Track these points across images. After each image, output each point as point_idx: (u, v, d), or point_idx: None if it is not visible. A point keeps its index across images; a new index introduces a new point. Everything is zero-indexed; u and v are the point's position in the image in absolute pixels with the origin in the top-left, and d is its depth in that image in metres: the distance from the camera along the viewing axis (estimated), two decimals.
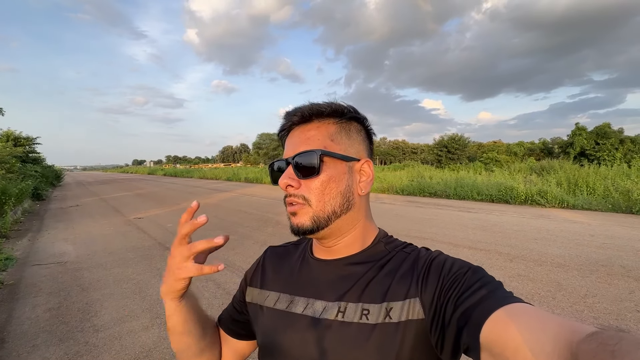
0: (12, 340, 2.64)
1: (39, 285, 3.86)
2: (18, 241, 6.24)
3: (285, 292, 0.62)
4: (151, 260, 4.76)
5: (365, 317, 0.52)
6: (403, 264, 0.56)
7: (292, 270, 0.65)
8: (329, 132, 0.58)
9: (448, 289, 0.48)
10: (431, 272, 0.52)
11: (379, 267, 0.57)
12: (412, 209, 9.36)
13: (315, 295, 0.58)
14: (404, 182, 14.66)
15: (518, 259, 4.47)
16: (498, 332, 0.38)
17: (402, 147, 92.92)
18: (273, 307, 0.61)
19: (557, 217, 7.64)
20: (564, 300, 3.20)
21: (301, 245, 0.71)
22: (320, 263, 0.62)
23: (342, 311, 0.54)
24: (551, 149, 45.65)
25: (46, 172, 20.71)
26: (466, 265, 0.51)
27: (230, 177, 27.68)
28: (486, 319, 0.40)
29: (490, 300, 0.43)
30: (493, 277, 0.49)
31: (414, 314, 0.50)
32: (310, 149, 0.56)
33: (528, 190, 10.11)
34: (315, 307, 0.56)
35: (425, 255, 0.56)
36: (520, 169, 17.50)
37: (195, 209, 0.54)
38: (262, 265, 0.71)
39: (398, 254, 0.58)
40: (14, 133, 19.56)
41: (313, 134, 0.57)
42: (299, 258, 0.67)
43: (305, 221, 0.55)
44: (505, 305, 0.41)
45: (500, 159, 35.90)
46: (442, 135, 43.25)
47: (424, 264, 0.54)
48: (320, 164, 0.55)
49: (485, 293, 0.44)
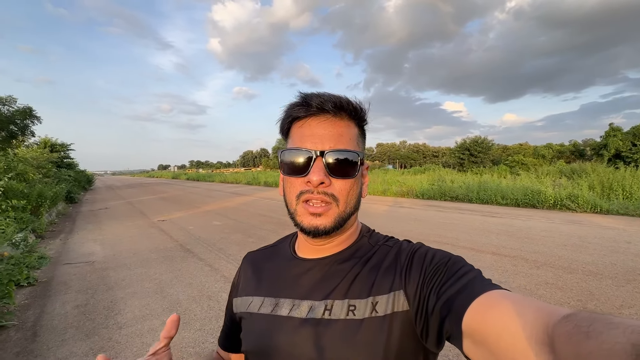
0: (44, 334, 2.78)
1: (69, 283, 4.06)
2: (52, 241, 6.61)
3: (269, 295, 0.60)
4: (172, 261, 4.90)
5: (352, 313, 0.52)
6: (386, 257, 0.57)
7: (274, 273, 0.63)
8: (356, 133, 0.57)
9: (430, 280, 0.49)
10: (414, 264, 0.53)
11: (363, 262, 0.57)
12: (432, 213, 9.13)
13: (301, 295, 0.57)
14: (424, 186, 14.35)
15: (546, 266, 4.25)
16: (479, 320, 0.39)
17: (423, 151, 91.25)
18: (257, 312, 0.59)
19: (590, 223, 7.21)
20: (596, 311, 3.00)
21: (280, 246, 0.70)
22: (305, 262, 0.60)
23: (328, 309, 0.53)
24: (583, 151, 43.40)
25: (79, 176, 21.92)
26: (447, 255, 0.53)
27: (250, 181, 28.17)
28: (467, 307, 0.41)
29: (471, 288, 0.44)
30: (472, 265, 0.50)
31: (399, 306, 0.51)
32: (350, 148, 0.55)
33: (557, 194, 9.62)
34: (302, 308, 0.55)
35: (408, 247, 0.57)
36: (548, 172, 16.70)
37: (176, 323, 0.53)
38: (241, 273, 0.70)
39: (381, 248, 0.59)
40: (50, 140, 20.85)
41: (345, 131, 0.55)
42: (281, 259, 0.65)
43: (330, 223, 0.53)
44: (485, 293, 0.42)
45: (527, 161, 34.46)
46: (465, 138, 42.14)
47: (406, 257, 0.55)
48: (359, 166, 0.55)
49: (466, 282, 0.46)
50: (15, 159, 9.12)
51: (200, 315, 3.07)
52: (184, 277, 4.17)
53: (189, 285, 3.84)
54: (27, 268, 4.25)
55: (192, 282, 3.96)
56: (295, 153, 0.55)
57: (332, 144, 0.53)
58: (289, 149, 0.56)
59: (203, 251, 5.39)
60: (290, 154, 0.55)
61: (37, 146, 17.39)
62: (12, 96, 12.05)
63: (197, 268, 4.50)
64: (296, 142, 0.56)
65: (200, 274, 4.23)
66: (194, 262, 4.78)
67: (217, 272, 4.29)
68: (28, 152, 13.12)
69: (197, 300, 3.39)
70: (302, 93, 0.56)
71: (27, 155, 11.28)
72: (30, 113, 12.35)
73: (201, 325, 2.87)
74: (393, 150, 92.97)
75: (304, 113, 0.55)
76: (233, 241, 6.07)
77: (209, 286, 3.79)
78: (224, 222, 8.29)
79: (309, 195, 0.53)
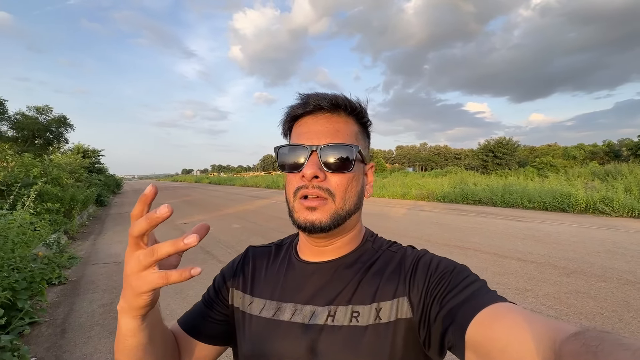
0: (71, 331, 2.92)
1: (97, 282, 4.26)
2: (82, 242, 6.96)
3: (271, 298, 0.59)
4: (193, 263, 4.94)
5: (355, 319, 0.51)
6: (390, 263, 0.56)
7: (277, 275, 0.62)
8: (354, 130, 0.57)
9: (434, 288, 0.48)
10: (418, 271, 0.52)
11: (367, 267, 0.56)
12: (453, 217, 8.86)
13: (304, 300, 0.55)
14: (445, 188, 13.98)
15: (576, 274, 4.00)
16: (483, 332, 0.39)
17: (444, 153, 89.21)
18: (259, 315, 0.58)
19: (627, 228, 6.74)
20: (633, 323, 2.79)
21: (284, 245, 0.68)
22: (308, 266, 0.59)
23: (332, 315, 0.52)
24: (618, 151, 40.88)
25: (108, 180, 23.05)
26: (452, 264, 0.51)
27: (269, 185, 28.55)
28: (471, 319, 0.41)
29: (475, 300, 0.43)
30: (478, 275, 0.49)
31: (402, 313, 0.50)
32: (346, 142, 0.54)
33: (589, 197, 9.09)
34: (304, 313, 0.54)
35: (412, 254, 0.56)
36: (580, 174, 15.85)
37: (151, 196, 0.39)
38: (243, 266, 0.67)
39: (385, 253, 0.58)
40: (83, 146, 22.07)
41: (342, 127, 0.55)
42: (283, 261, 0.64)
43: (325, 218, 0.52)
44: (490, 305, 0.41)
45: (556, 163, 32.86)
46: (488, 139, 40.77)
47: (411, 263, 0.54)
48: (354, 160, 0.54)
49: (471, 292, 0.45)
50: (51, 164, 9.71)
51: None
52: (203, 279, 4.25)
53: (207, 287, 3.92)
54: (58, 267, 4.49)
55: (210, 284, 4.04)
56: (291, 150, 0.55)
57: (328, 140, 0.53)
58: (284, 146, 0.56)
59: (222, 254, 5.50)
60: (286, 151, 0.56)
61: (71, 152, 18.48)
62: (48, 106, 12.94)
63: (217, 270, 4.49)
64: (294, 140, 0.57)
65: None
66: (213, 264, 4.88)
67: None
68: (62, 158, 13.94)
69: None
70: (301, 94, 0.57)
71: (61, 161, 11.99)
72: (65, 121, 13.17)
73: None
74: (413, 153, 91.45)
75: (302, 111, 0.56)
76: (252, 243, 6.13)
77: None
78: (244, 224, 8.43)
79: (305, 190, 0.52)
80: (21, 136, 12.50)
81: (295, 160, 0.54)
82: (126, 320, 0.45)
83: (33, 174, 5.75)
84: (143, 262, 0.39)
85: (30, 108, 12.74)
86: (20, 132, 12.43)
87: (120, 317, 0.45)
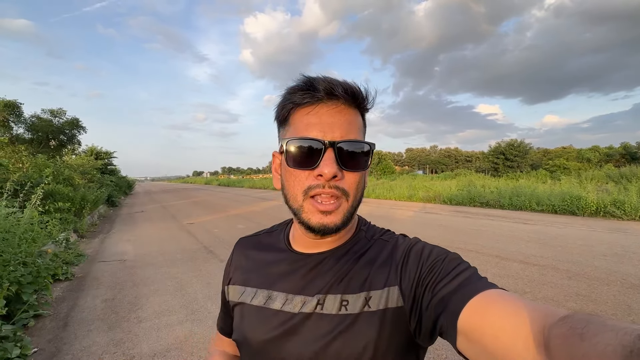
0: (73, 325, 3.02)
1: (101, 279, 4.38)
2: (91, 240, 7.16)
3: (262, 287, 0.59)
4: (195, 261, 5.11)
5: (344, 307, 0.51)
6: (382, 252, 0.55)
7: (269, 264, 0.62)
8: (362, 123, 0.54)
9: (426, 276, 0.48)
10: (410, 260, 0.52)
11: (358, 256, 0.56)
12: (459, 219, 8.76)
13: (295, 290, 0.55)
14: (452, 191, 13.81)
15: (579, 277, 3.92)
16: (476, 318, 0.39)
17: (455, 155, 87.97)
18: (250, 303, 0.59)
19: (637, 231, 6.55)
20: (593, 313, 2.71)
21: (274, 233, 0.68)
22: (300, 257, 0.58)
23: (320, 303, 0.52)
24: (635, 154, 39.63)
25: (120, 182, 23.56)
26: (444, 252, 0.51)
27: None
28: (464, 306, 0.41)
29: (467, 287, 0.43)
30: (469, 263, 0.49)
31: (392, 302, 0.50)
32: (361, 139, 0.52)
33: (600, 200, 8.85)
34: (295, 303, 0.54)
35: (404, 243, 0.56)
36: (593, 177, 15.44)
37: None
38: (234, 259, 0.69)
39: (377, 242, 0.58)
40: (96, 148, 22.65)
41: (353, 120, 0.51)
42: (274, 250, 0.64)
43: (339, 220, 0.50)
44: (482, 292, 0.41)
45: (570, 166, 32.07)
46: (499, 142, 40.10)
47: (402, 252, 0.53)
48: (370, 159, 0.52)
49: (462, 280, 0.45)
50: (63, 165, 10.01)
51: (215, 312, 3.18)
52: (203, 276, 4.34)
53: (207, 285, 3.99)
54: (65, 264, 4.64)
55: (210, 281, 4.11)
56: (304, 143, 0.49)
57: (343, 133, 0.49)
58: (295, 138, 0.50)
59: (225, 253, 5.58)
60: (297, 143, 0.49)
61: (84, 154, 18.99)
62: (62, 109, 13.34)
63: (217, 269, 4.66)
64: (300, 131, 0.50)
65: (220, 275, 4.37)
66: (215, 263, 4.95)
67: None
68: (76, 159, 14.36)
69: (213, 299, 3.52)
70: (305, 76, 0.51)
71: (74, 162, 12.35)
72: (77, 124, 13.56)
73: (213, 322, 2.97)
74: (423, 156, 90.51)
75: (310, 99, 0.49)
76: None
77: None
78: (248, 225, 8.52)
79: (319, 190, 0.49)
80: (36, 138, 12.95)
81: (308, 155, 0.49)
82: None
83: (45, 174, 5.96)
84: None
85: (45, 111, 13.21)
86: (35, 134, 12.89)
87: None
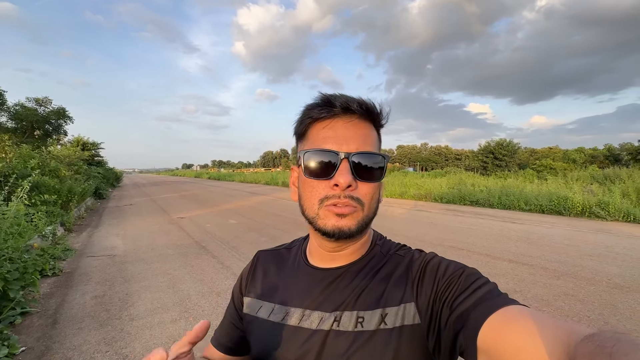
0: (62, 322, 2.95)
1: (90, 274, 4.28)
2: (79, 234, 6.99)
3: (280, 303, 0.59)
4: (187, 257, 5.05)
5: (360, 324, 0.51)
6: (397, 268, 0.55)
7: (286, 279, 0.62)
8: (376, 137, 0.56)
9: (443, 292, 0.47)
10: (426, 276, 0.51)
11: (374, 272, 0.56)
12: (450, 217, 8.89)
13: (312, 306, 0.56)
14: (443, 189, 13.99)
15: (567, 276, 4.03)
16: (496, 336, 0.38)
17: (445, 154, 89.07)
18: (267, 318, 0.59)
19: (621, 232, 6.76)
20: (618, 326, 2.81)
21: (293, 249, 0.69)
22: (317, 272, 0.59)
23: (337, 320, 0.52)
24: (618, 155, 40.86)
25: (107, 174, 23.05)
26: (461, 267, 0.50)
27: (268, 181, 28.54)
28: (483, 322, 0.40)
29: (487, 303, 0.42)
30: (488, 278, 0.48)
31: (409, 319, 0.49)
32: (375, 151, 0.53)
33: (586, 201, 9.10)
34: (312, 319, 0.54)
35: (419, 258, 0.55)
36: (578, 177, 15.84)
37: (202, 336, 0.46)
38: (253, 272, 0.68)
39: (392, 258, 0.58)
40: (82, 139, 22.07)
41: (368, 133, 0.54)
42: (292, 265, 0.64)
43: (353, 225, 0.52)
44: (502, 308, 0.40)
45: (556, 166, 32.85)
46: (489, 141, 40.76)
47: (418, 268, 0.53)
48: (384, 170, 0.54)
49: (481, 295, 0.44)
50: (49, 156, 9.72)
51: (208, 310, 3.15)
52: (196, 273, 4.29)
53: (200, 282, 3.95)
54: (53, 259, 4.52)
55: (203, 278, 4.07)
56: (320, 155, 0.52)
57: (358, 146, 0.51)
58: (312, 150, 0.52)
59: (217, 249, 5.52)
60: (314, 155, 0.52)
61: (70, 144, 18.46)
62: (48, 97, 12.91)
63: (210, 265, 4.61)
64: (318, 144, 0.53)
65: (212, 271, 4.33)
66: (207, 259, 4.90)
67: (228, 270, 4.38)
68: (61, 150, 13.95)
69: (206, 296, 3.48)
70: (323, 94, 0.54)
71: (59, 153, 12.00)
72: (64, 113, 13.15)
73: (207, 319, 2.94)
74: (414, 153, 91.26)
75: (327, 114, 0.52)
76: (246, 240, 6.18)
77: (219, 283, 3.88)
78: (240, 220, 8.45)
79: (335, 200, 0.51)
80: (20, 127, 12.50)
81: (324, 166, 0.51)
82: None
83: (30, 165, 5.75)
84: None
85: (30, 99, 12.73)
86: (20, 123, 12.43)
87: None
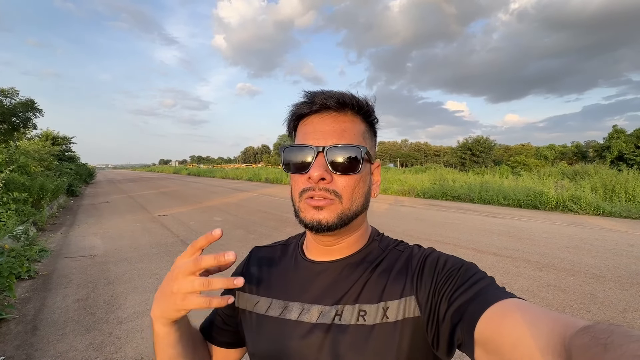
0: (44, 328, 2.78)
1: (70, 276, 4.06)
2: (53, 234, 6.61)
3: (277, 297, 0.59)
4: (173, 256, 4.89)
5: (362, 318, 0.51)
6: (397, 262, 0.56)
7: (283, 274, 0.62)
8: (361, 129, 0.56)
9: (442, 286, 0.48)
10: (425, 270, 0.52)
11: (373, 266, 0.56)
12: (434, 212, 9.11)
13: (311, 300, 0.56)
14: (425, 185, 14.31)
15: (548, 268, 4.23)
16: (493, 328, 0.38)
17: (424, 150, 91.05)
18: (265, 313, 0.58)
19: (592, 225, 7.18)
20: (599, 314, 2.98)
21: (290, 245, 0.68)
22: (315, 265, 0.59)
23: (339, 314, 0.53)
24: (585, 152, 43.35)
25: (80, 169, 21.94)
26: (460, 261, 0.52)
27: (251, 177, 28.16)
28: (480, 315, 0.40)
29: (484, 296, 0.43)
30: (486, 272, 0.49)
31: (410, 312, 0.50)
32: (353, 143, 0.53)
33: (559, 196, 9.59)
34: (312, 313, 0.54)
35: (419, 252, 0.56)
36: (550, 173, 16.64)
37: (217, 238, 0.48)
38: (248, 268, 0.67)
39: (391, 252, 0.58)
40: (52, 133, 20.87)
41: (349, 126, 0.54)
42: (289, 260, 0.64)
43: (332, 218, 0.52)
44: (499, 301, 0.41)
45: (529, 162, 34.39)
46: (467, 138, 42.08)
47: (417, 262, 0.54)
48: (362, 161, 0.53)
49: (479, 289, 0.45)
50: (17, 151, 9.11)
51: (199, 312, 3.06)
52: None
53: None
54: (27, 261, 4.25)
55: None
56: (297, 150, 0.54)
57: (335, 140, 0.52)
58: (290, 146, 0.55)
59: None
60: (292, 151, 0.54)
61: (39, 139, 17.39)
62: (14, 88, 12.03)
63: None
64: (299, 140, 0.55)
65: None
66: None
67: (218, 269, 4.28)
68: (30, 144, 13.11)
69: None
70: (307, 91, 0.56)
71: (28, 148, 11.28)
72: (32, 105, 12.32)
73: (199, 322, 2.86)
74: (394, 149, 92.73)
75: (308, 110, 0.54)
76: (234, 237, 6.07)
77: None
78: (225, 218, 8.29)
79: (312, 192, 0.52)
80: None
81: (301, 160, 0.53)
82: (158, 325, 0.52)
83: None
84: (191, 268, 0.46)
85: None
86: None
87: (154, 323, 0.52)
